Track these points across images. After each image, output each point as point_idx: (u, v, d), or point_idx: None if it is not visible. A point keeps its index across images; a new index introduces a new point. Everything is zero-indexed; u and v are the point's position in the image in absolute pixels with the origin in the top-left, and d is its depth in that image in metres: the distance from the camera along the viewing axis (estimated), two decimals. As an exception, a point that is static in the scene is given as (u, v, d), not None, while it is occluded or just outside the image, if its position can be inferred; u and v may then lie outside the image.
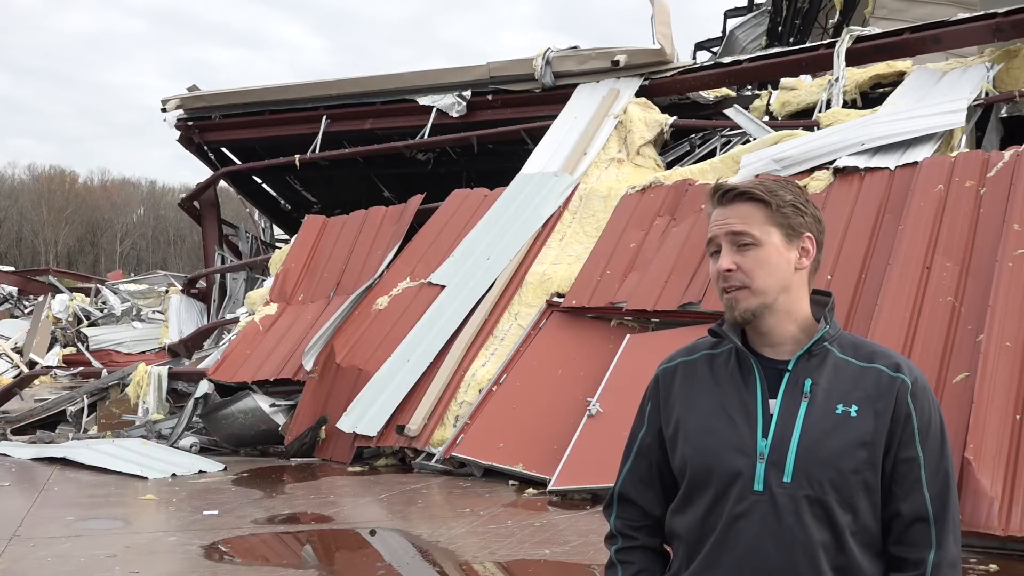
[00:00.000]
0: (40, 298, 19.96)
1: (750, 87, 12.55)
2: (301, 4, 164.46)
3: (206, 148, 14.49)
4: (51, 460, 8.42)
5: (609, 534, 1.97)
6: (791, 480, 1.71)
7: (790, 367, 1.79)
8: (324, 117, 13.06)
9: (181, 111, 14.02)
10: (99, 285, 21.47)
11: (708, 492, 1.77)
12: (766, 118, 10.82)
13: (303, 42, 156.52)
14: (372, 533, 6.08)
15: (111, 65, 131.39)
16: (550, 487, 6.92)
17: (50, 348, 17.41)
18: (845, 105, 10.21)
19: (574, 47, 11.99)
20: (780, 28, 20.20)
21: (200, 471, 8.11)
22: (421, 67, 13.09)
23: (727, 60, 12.25)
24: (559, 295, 8.74)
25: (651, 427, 1.92)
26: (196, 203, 14.82)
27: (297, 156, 13.09)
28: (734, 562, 1.74)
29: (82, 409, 9.98)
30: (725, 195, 1.82)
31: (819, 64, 10.94)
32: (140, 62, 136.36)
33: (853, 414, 1.73)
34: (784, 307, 1.80)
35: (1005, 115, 9.32)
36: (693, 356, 1.91)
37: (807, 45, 12.47)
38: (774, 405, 1.77)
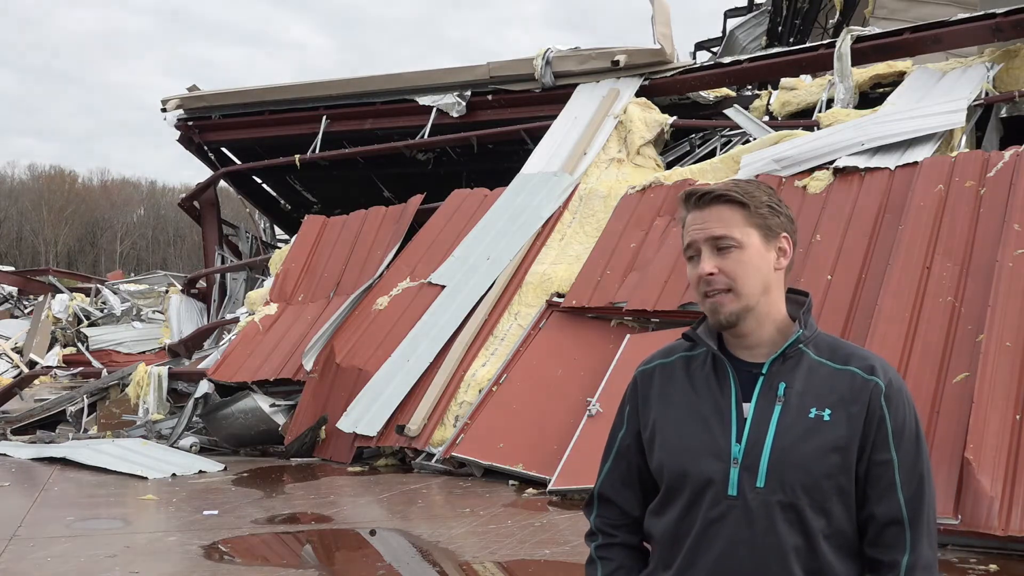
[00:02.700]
0: (40, 298, 19.96)
1: (750, 87, 12.55)
2: (307, 3, 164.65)
3: (206, 148, 14.48)
4: (51, 460, 8.42)
5: (589, 532, 1.98)
6: (764, 485, 1.71)
7: (764, 371, 1.78)
8: (324, 117, 13.06)
9: (181, 111, 14.02)
10: (99, 285, 21.46)
11: (683, 496, 1.78)
12: (766, 118, 10.81)
13: (309, 41, 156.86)
14: (372, 533, 6.08)
15: (115, 64, 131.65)
16: (550, 487, 6.92)
17: (50, 348, 17.42)
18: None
19: (574, 47, 11.99)
20: (780, 28, 20.20)
21: (200, 471, 8.11)
22: (425, 67, 13.10)
23: (727, 60, 12.25)
24: (559, 295, 8.74)
25: (630, 428, 1.92)
26: (196, 203, 14.82)
27: (297, 156, 13.09)
28: (707, 567, 1.74)
29: (82, 409, 9.98)
30: (702, 199, 1.81)
31: (819, 64, 10.94)
32: (145, 61, 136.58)
33: (826, 418, 1.73)
34: (764, 309, 1.80)
35: (1005, 115, 9.31)
36: (671, 358, 1.91)
37: (807, 45, 12.46)
38: (748, 409, 1.76)
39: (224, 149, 14.72)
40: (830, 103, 10.31)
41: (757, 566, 1.71)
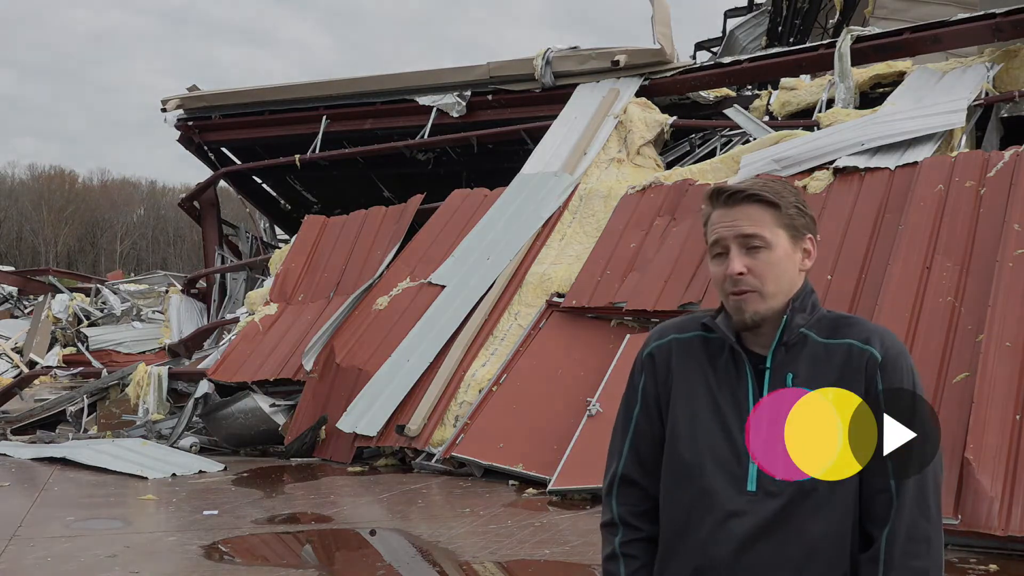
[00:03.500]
0: (40, 298, 19.95)
1: (750, 87, 12.54)
2: (308, 2, 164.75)
3: (206, 148, 14.47)
4: (51, 460, 8.42)
5: (609, 522, 1.90)
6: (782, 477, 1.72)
7: (768, 364, 1.77)
8: (324, 117, 13.05)
9: (181, 111, 14.01)
10: (99, 285, 21.45)
11: (698, 488, 1.76)
12: (766, 118, 10.80)
13: (311, 40, 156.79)
14: (372, 533, 6.08)
15: (116, 64, 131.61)
16: (550, 487, 6.92)
17: (50, 348, 17.41)
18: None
19: (574, 47, 11.98)
20: (780, 28, 20.19)
21: (200, 471, 8.11)
22: (425, 67, 13.09)
23: (727, 60, 12.24)
24: (559, 295, 8.74)
25: (645, 403, 1.88)
26: (196, 203, 14.81)
27: (297, 156, 13.09)
28: (727, 560, 1.73)
29: (82, 409, 9.98)
30: (732, 196, 1.79)
31: (819, 64, 10.93)
32: (145, 61, 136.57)
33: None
34: (783, 311, 1.79)
35: (1005, 115, 9.31)
36: (686, 334, 1.88)
37: (807, 45, 12.46)
38: None
39: (224, 149, 14.71)
40: (830, 103, 10.30)
41: (779, 557, 1.70)
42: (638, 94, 11.15)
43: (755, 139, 9.88)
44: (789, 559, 1.70)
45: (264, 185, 15.37)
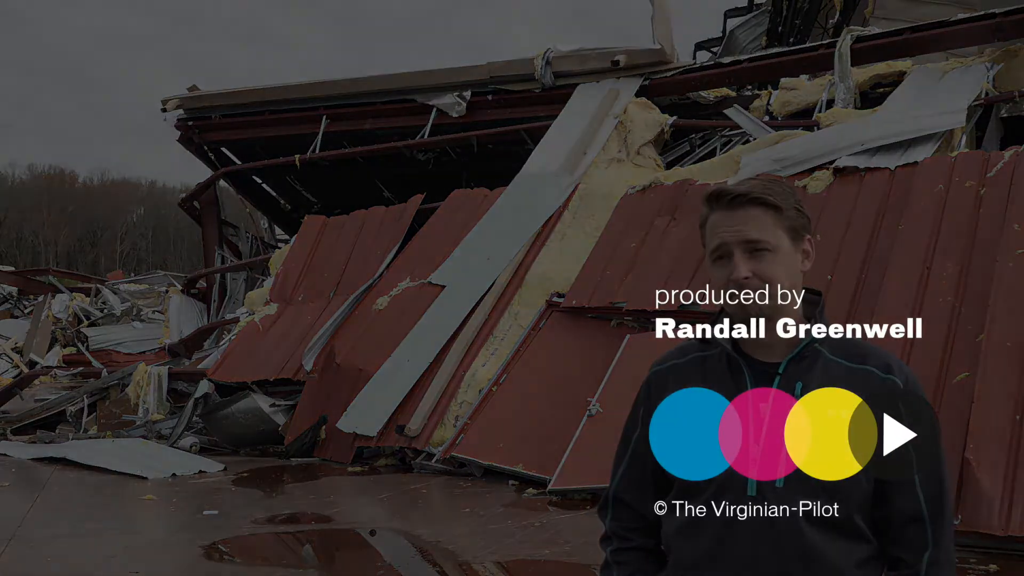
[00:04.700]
0: (40, 298, 19.95)
1: (750, 87, 12.54)
2: (309, 2, 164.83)
3: (206, 148, 14.48)
4: (51, 460, 8.42)
5: (604, 536, 1.96)
6: (783, 484, 1.71)
7: (780, 370, 1.78)
8: (324, 117, 13.06)
9: (181, 111, 14.01)
10: (99, 285, 21.45)
11: (700, 496, 1.77)
12: (766, 118, 10.80)
13: (310, 40, 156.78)
14: (372, 533, 6.08)
15: (116, 64, 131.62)
16: (550, 487, 6.92)
17: (50, 348, 17.41)
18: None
19: (578, 49, 11.97)
20: (780, 28, 20.18)
21: (200, 471, 8.11)
22: (425, 66, 13.06)
23: (727, 60, 12.24)
24: (559, 295, 8.74)
25: (644, 429, 1.90)
26: (196, 203, 14.82)
27: (297, 156, 13.09)
28: (729, 566, 1.73)
29: (82, 409, 9.99)
30: (734, 200, 1.79)
31: (819, 64, 10.93)
32: (145, 61, 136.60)
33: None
34: (787, 309, 1.80)
35: (1005, 115, 9.31)
36: (685, 358, 1.90)
37: (807, 45, 12.46)
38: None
39: (224, 149, 14.71)
40: (830, 103, 10.30)
41: (779, 564, 1.71)
42: (638, 94, 11.15)
43: (755, 139, 9.88)
44: (789, 567, 1.70)
45: (264, 185, 15.37)
